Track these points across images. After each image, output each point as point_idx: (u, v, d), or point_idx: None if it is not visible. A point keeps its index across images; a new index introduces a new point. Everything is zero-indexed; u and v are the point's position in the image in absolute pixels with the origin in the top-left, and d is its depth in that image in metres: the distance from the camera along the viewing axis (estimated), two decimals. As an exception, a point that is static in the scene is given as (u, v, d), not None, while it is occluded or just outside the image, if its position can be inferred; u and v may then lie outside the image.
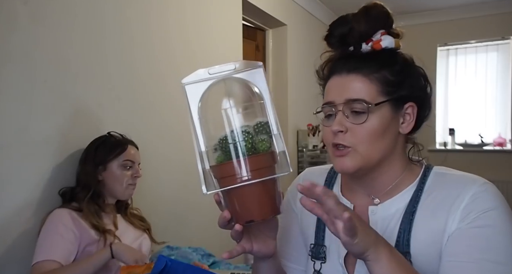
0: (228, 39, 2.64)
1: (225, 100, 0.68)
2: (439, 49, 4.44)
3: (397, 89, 0.77)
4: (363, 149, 0.76)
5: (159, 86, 2.05)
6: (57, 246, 1.32)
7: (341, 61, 0.80)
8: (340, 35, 0.80)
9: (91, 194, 1.48)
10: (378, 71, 0.76)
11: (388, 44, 0.78)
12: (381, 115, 0.76)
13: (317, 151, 3.80)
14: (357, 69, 0.77)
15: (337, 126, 0.76)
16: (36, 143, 1.47)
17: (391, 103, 0.76)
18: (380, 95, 0.76)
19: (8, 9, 1.39)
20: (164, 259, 1.18)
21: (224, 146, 0.65)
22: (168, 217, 2.08)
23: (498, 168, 4.03)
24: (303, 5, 3.81)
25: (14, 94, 1.41)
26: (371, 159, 0.77)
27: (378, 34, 0.78)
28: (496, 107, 4.32)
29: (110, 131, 1.60)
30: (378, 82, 0.76)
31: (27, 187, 1.45)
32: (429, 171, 0.81)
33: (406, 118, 0.79)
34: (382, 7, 0.79)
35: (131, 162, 1.55)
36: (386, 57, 0.78)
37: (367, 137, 0.75)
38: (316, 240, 0.87)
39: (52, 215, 1.40)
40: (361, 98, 0.75)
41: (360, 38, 0.78)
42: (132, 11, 1.90)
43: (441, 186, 0.77)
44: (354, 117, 0.76)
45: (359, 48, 0.79)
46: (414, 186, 0.80)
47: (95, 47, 1.71)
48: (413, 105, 0.79)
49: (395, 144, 0.79)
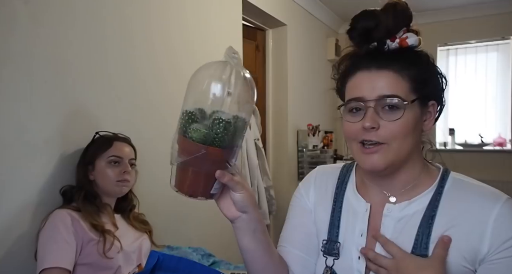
0: (228, 39, 2.64)
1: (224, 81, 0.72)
2: (439, 49, 4.43)
3: (424, 87, 0.78)
4: (396, 145, 0.76)
5: (159, 86, 2.05)
6: (64, 252, 1.32)
7: (368, 57, 0.79)
8: (365, 29, 0.79)
9: (85, 194, 1.47)
10: (408, 69, 0.77)
11: (413, 42, 0.79)
12: (413, 112, 0.76)
13: (317, 151, 3.79)
14: (388, 66, 0.76)
15: (370, 122, 0.75)
16: (36, 143, 1.47)
17: (420, 101, 0.77)
18: (411, 93, 0.76)
19: (8, 9, 1.39)
20: (156, 254, 1.19)
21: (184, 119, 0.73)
22: (168, 217, 2.08)
23: (498, 168, 4.03)
24: (303, 5, 3.81)
25: (14, 94, 1.40)
26: (402, 154, 0.77)
27: (401, 32, 0.79)
28: (496, 107, 4.32)
29: (99, 131, 1.60)
30: (409, 79, 0.76)
31: (27, 187, 1.45)
32: (447, 175, 0.82)
33: (428, 116, 0.81)
34: (406, 4, 0.80)
35: (118, 158, 1.53)
36: (413, 55, 0.79)
37: (401, 133, 0.75)
38: (329, 236, 0.87)
39: (53, 216, 1.39)
40: (396, 95, 0.75)
41: (386, 34, 0.78)
42: (132, 11, 1.90)
43: (461, 194, 0.78)
44: (387, 113, 0.75)
45: (383, 45, 0.79)
46: (433, 189, 0.80)
47: (95, 47, 1.71)
48: (434, 103, 0.81)
49: (418, 141, 0.81)
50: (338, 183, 0.91)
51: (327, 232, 0.88)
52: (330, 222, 0.88)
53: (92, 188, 1.51)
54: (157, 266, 1.24)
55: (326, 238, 0.87)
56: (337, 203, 0.89)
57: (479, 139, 4.29)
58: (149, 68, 2.00)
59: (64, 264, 1.30)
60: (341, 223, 0.86)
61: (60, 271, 1.29)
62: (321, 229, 0.89)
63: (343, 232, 0.85)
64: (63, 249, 1.32)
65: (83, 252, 1.38)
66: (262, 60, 3.60)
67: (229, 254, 2.29)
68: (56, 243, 1.33)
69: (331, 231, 0.87)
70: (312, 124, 3.75)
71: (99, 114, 1.72)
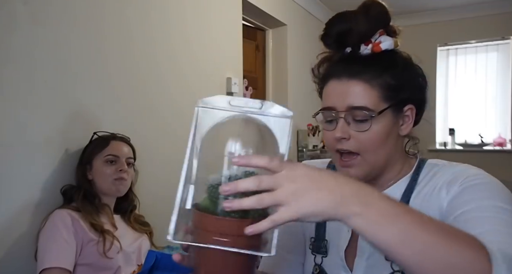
0: (228, 39, 2.64)
1: (234, 143, 0.57)
2: (439, 49, 4.43)
3: (398, 93, 0.76)
4: (369, 156, 0.75)
5: (159, 86, 2.05)
6: (64, 252, 1.32)
7: (341, 64, 0.78)
8: (338, 34, 0.77)
9: (84, 193, 1.48)
10: (380, 76, 0.74)
11: (388, 46, 0.76)
12: (384, 121, 0.75)
13: (317, 151, 3.79)
14: (358, 75, 0.74)
15: (340, 133, 0.75)
16: (36, 143, 1.47)
17: (392, 108, 0.75)
18: (382, 102, 0.74)
19: (8, 9, 1.39)
20: (154, 254, 1.20)
21: (214, 193, 0.54)
22: (167, 217, 2.07)
23: (498, 168, 4.00)
24: (303, 5, 3.81)
25: (14, 94, 1.40)
26: (378, 164, 0.77)
27: (377, 34, 0.76)
28: (496, 107, 4.32)
29: (97, 132, 1.60)
30: (379, 88, 0.74)
31: (27, 187, 1.45)
32: (423, 163, 0.82)
33: (405, 120, 0.79)
34: (381, 4, 0.77)
35: (115, 157, 1.52)
36: (387, 60, 0.76)
37: (371, 143, 0.75)
38: (316, 233, 0.86)
39: (53, 216, 1.39)
40: (364, 106, 0.73)
41: (360, 39, 0.76)
42: (132, 11, 1.90)
43: (433, 176, 0.78)
44: (357, 124, 0.74)
45: (357, 50, 0.77)
46: (408, 178, 0.80)
47: (95, 47, 1.71)
48: (412, 107, 0.79)
49: (397, 145, 0.79)
50: None
51: (314, 230, 0.87)
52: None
53: (91, 188, 1.51)
54: (155, 265, 1.24)
55: (313, 236, 0.87)
56: None
57: (479, 139, 4.29)
58: (149, 68, 1.99)
59: (64, 264, 1.30)
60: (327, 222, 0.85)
61: (60, 271, 1.29)
62: (308, 226, 0.88)
63: (329, 230, 0.85)
64: (63, 249, 1.32)
65: (83, 252, 1.38)
66: (262, 60, 3.60)
67: (229, 254, 2.28)
68: (56, 243, 1.33)
69: (318, 229, 0.86)
70: (312, 124, 3.75)
71: (99, 115, 1.72)
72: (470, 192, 0.69)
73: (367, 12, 0.75)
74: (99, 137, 1.59)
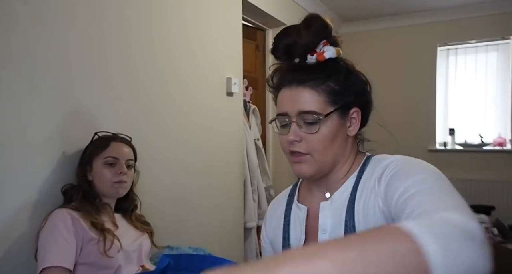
0: (228, 39, 2.64)
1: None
2: (439, 49, 4.43)
3: (342, 97, 0.84)
4: (318, 155, 0.84)
5: (159, 86, 2.05)
6: (64, 252, 1.32)
7: (290, 73, 0.86)
8: (285, 47, 0.85)
9: (83, 194, 1.48)
10: (325, 83, 0.83)
11: (331, 55, 0.84)
12: (331, 124, 0.84)
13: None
14: (305, 82, 0.83)
15: (293, 136, 0.84)
16: (36, 143, 1.47)
17: (338, 111, 0.84)
18: (328, 106, 0.83)
19: (8, 9, 1.39)
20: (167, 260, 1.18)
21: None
22: (167, 217, 2.08)
23: (498, 168, 4.02)
24: (303, 5, 3.81)
25: (14, 94, 1.41)
26: (325, 164, 0.86)
27: (321, 45, 0.85)
28: (496, 107, 4.32)
29: (98, 132, 1.60)
30: (325, 93, 0.83)
31: (27, 187, 1.45)
32: (368, 160, 0.89)
33: (352, 122, 0.88)
34: (321, 19, 0.86)
35: (114, 159, 1.51)
36: (331, 68, 0.84)
37: (320, 144, 0.84)
38: (283, 249, 0.93)
39: (53, 215, 1.40)
40: (312, 110, 0.82)
41: (304, 50, 0.84)
42: (132, 11, 1.90)
43: (373, 170, 0.85)
44: (307, 127, 0.84)
45: (304, 60, 0.85)
46: (355, 175, 0.87)
47: (95, 47, 1.71)
48: (357, 110, 0.87)
49: (345, 145, 0.88)
50: (287, 200, 0.99)
51: (281, 247, 0.94)
52: (283, 237, 0.94)
53: (91, 188, 1.51)
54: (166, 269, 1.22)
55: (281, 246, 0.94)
56: (285, 219, 0.96)
57: (479, 138, 4.28)
58: (148, 68, 2.00)
59: (65, 263, 1.31)
60: (290, 235, 0.93)
61: (60, 270, 1.29)
62: (279, 247, 0.95)
63: (293, 242, 0.92)
64: (63, 248, 1.32)
65: (84, 251, 1.38)
66: (262, 60, 3.60)
67: (229, 254, 2.29)
68: (56, 242, 1.33)
69: (284, 245, 0.93)
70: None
71: (99, 115, 1.72)
72: (394, 182, 0.75)
73: (309, 26, 0.84)
74: (99, 137, 1.59)
